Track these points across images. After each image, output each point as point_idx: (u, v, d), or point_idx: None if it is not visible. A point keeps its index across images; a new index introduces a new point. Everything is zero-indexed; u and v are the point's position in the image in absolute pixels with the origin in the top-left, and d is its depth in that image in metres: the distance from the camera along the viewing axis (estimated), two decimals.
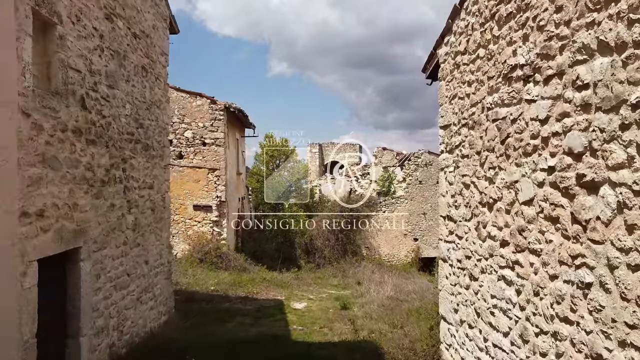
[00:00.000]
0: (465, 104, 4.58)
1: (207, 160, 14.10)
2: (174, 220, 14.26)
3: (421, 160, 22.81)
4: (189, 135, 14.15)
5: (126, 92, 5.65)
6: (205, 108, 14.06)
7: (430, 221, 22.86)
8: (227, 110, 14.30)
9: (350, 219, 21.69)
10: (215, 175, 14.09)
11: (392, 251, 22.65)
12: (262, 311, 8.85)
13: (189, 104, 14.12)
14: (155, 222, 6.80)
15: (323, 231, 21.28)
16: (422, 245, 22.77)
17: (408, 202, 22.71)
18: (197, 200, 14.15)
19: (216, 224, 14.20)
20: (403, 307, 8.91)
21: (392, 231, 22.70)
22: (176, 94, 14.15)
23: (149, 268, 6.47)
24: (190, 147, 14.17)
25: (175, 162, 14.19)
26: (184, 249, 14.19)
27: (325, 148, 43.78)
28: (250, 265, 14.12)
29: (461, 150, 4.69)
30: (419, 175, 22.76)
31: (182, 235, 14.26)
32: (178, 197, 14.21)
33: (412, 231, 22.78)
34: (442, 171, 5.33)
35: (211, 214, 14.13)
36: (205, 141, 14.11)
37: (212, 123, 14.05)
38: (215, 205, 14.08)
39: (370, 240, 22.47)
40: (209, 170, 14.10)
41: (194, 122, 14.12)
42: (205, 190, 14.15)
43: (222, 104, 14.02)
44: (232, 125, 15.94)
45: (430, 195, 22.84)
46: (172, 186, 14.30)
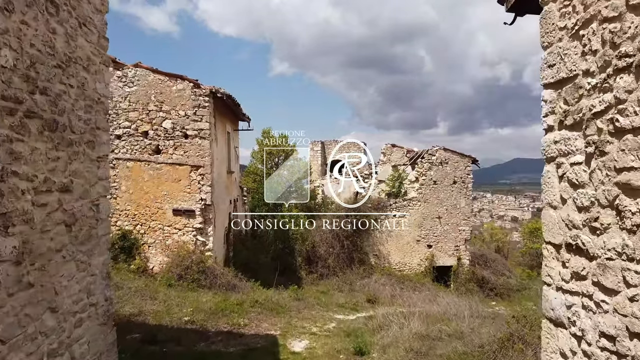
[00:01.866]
0: (623, 32, 2.28)
1: (190, 156, 11.76)
2: (150, 228, 11.94)
3: (436, 158, 20.45)
4: (168, 126, 11.81)
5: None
6: (187, 93, 11.72)
7: (446, 226, 20.50)
8: (214, 97, 11.97)
9: (357, 224, 19.34)
10: (199, 174, 11.74)
11: (404, 259, 20.30)
12: (248, 358, 6.51)
13: (167, 88, 11.78)
14: (78, 244, 4.44)
15: (326, 237, 18.94)
16: (436, 252, 20.43)
17: (421, 204, 20.36)
18: (178, 204, 11.81)
19: (200, 232, 11.85)
20: (439, 351, 6.58)
21: (403, 237, 20.36)
22: (153, 77, 11.82)
23: (62, 317, 4.12)
24: (170, 140, 11.83)
25: (152, 157, 11.86)
26: (162, 262, 11.86)
27: (328, 146, 41.36)
28: (240, 281, 11.77)
29: (611, 122, 2.38)
30: (433, 174, 20.41)
31: (160, 245, 11.92)
32: (155, 199, 11.88)
33: (426, 237, 20.44)
34: (551, 164, 2.99)
35: (194, 220, 11.78)
36: (187, 133, 11.76)
37: (195, 111, 11.71)
38: (198, 209, 11.74)
39: (379, 247, 20.14)
40: (191, 168, 11.76)
41: (173, 110, 11.78)
42: (187, 192, 11.80)
43: (207, 89, 11.68)
44: (221, 116, 13.61)
45: (446, 197, 20.48)
46: (148, 187, 11.98)
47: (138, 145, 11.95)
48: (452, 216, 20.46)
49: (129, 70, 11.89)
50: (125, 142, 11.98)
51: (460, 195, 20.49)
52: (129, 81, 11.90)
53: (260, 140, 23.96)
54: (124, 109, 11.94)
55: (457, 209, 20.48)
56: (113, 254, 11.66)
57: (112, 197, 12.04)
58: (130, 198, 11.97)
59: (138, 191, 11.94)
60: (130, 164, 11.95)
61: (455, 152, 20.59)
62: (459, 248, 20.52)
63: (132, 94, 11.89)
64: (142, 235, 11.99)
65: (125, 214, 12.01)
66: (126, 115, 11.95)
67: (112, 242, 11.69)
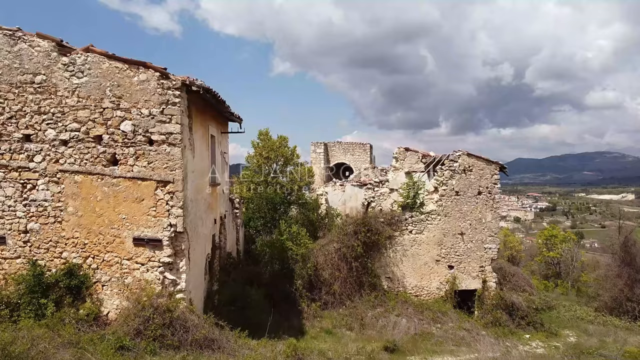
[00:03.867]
0: None
1: (155, 168, 8.96)
2: (105, 262, 9.16)
3: (458, 165, 17.64)
4: (128, 129, 9.01)
5: None
6: (152, 86, 8.91)
7: (470, 243, 17.69)
8: (188, 90, 9.17)
9: (368, 241, 16.55)
10: (167, 192, 8.94)
11: (421, 282, 17.50)
12: None
13: (127, 79, 8.98)
14: None
15: (332, 258, 16.15)
16: (458, 274, 17.62)
17: (441, 218, 17.57)
18: (140, 231, 9.01)
19: (169, 268, 9.06)
20: None
21: (420, 256, 17.55)
22: (108, 65, 9.02)
23: None
24: (130, 147, 9.03)
25: (107, 170, 9.07)
26: (119, 307, 9.08)
27: (331, 148, 38.50)
28: (222, 332, 8.96)
29: None
30: (455, 184, 17.60)
31: (117, 284, 9.13)
32: (110, 224, 9.09)
33: (447, 256, 17.63)
34: None
35: (161, 253, 8.99)
36: (153, 138, 8.96)
37: (162, 109, 8.90)
38: (167, 238, 8.94)
39: (392, 269, 17.34)
40: (157, 184, 8.96)
41: (135, 107, 8.98)
42: (152, 215, 9.01)
43: (177, 80, 8.87)
44: (201, 115, 10.82)
45: (470, 209, 17.67)
46: (102, 208, 9.13)
47: (89, 153, 9.16)
48: (477, 232, 17.65)
49: (78, 55, 9.10)
50: (73, 150, 9.18)
51: (486, 208, 17.69)
52: (77, 70, 9.10)
53: (256, 143, 21.15)
54: (71, 107, 9.15)
55: (483, 224, 17.68)
56: (56, 296, 8.90)
57: (56, 221, 9.26)
58: (79, 222, 9.18)
59: (89, 213, 9.15)
60: (79, 177, 9.16)
61: (480, 158, 17.78)
62: (485, 269, 17.71)
63: (82, 87, 9.10)
64: (95, 271, 9.20)
65: (72, 243, 9.22)
66: (74, 114, 9.16)
67: (55, 279, 8.94)
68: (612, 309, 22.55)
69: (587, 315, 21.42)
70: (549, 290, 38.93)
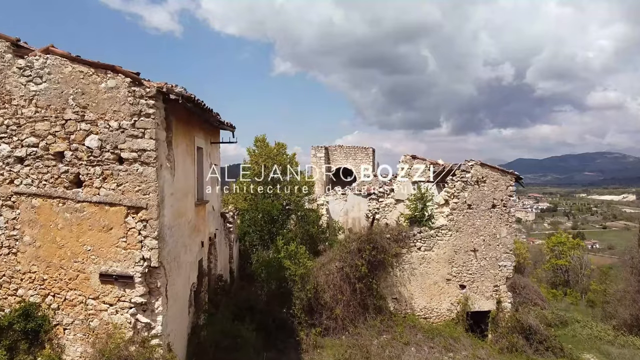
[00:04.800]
0: None
1: (126, 191, 7.56)
2: (67, 301, 7.78)
3: (470, 176, 16.23)
4: (94, 144, 7.62)
5: None
6: (122, 94, 7.51)
7: (483, 260, 16.29)
8: (165, 99, 7.76)
9: (373, 260, 15.16)
10: (139, 220, 7.54)
11: (430, 303, 16.09)
12: None
13: (93, 86, 7.59)
14: None
15: (334, 278, 14.75)
16: (471, 294, 16.21)
17: (452, 234, 16.16)
18: (108, 265, 7.62)
19: (142, 309, 7.66)
20: None
21: (430, 275, 16.14)
22: (71, 69, 7.62)
23: None
24: (96, 166, 7.64)
25: (70, 192, 7.68)
26: (84, 355, 7.69)
27: (332, 152, 37.06)
28: None
29: None
30: (467, 196, 16.19)
31: (82, 328, 7.74)
32: (73, 257, 7.70)
33: (458, 275, 16.23)
34: None
35: (132, 291, 7.59)
36: (123, 155, 7.57)
37: (133, 122, 7.50)
38: (139, 274, 7.54)
39: (399, 289, 15.93)
40: (128, 210, 7.56)
41: (102, 119, 7.59)
42: (122, 247, 7.61)
43: (152, 87, 7.47)
44: (185, 126, 9.43)
45: (483, 224, 16.27)
46: (64, 238, 7.65)
47: (49, 173, 7.78)
48: (491, 248, 16.26)
49: (36, 58, 7.71)
50: (30, 169, 7.80)
51: (500, 222, 16.29)
52: (35, 75, 7.71)
53: (252, 151, 19.73)
54: (28, 118, 7.76)
55: (497, 240, 16.28)
56: (10, 342, 7.51)
57: (10, 252, 7.87)
58: (37, 254, 7.79)
59: (49, 244, 7.76)
60: (37, 201, 7.77)
61: (494, 168, 16.38)
62: (499, 288, 16.32)
63: (41, 95, 7.72)
64: (55, 312, 7.82)
65: (29, 279, 7.83)
66: (32, 126, 7.77)
67: (8, 322, 7.56)
68: (631, 327, 21.17)
69: (605, 335, 20.04)
70: (558, 299, 37.51)
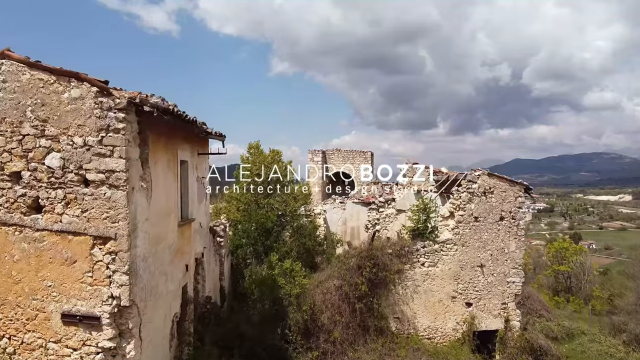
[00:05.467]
0: None
1: (92, 219, 6.52)
2: (25, 345, 6.73)
3: (477, 187, 15.25)
4: (55, 164, 6.57)
5: None
6: (88, 106, 6.48)
7: (491, 277, 15.31)
8: (138, 110, 6.72)
9: (374, 278, 14.17)
10: (107, 252, 6.50)
11: (435, 323, 15.08)
12: None
13: (54, 95, 6.54)
14: None
15: (331, 298, 13.74)
16: (477, 312, 15.22)
17: (458, 248, 15.18)
18: (72, 304, 6.58)
19: (111, 354, 6.61)
20: None
21: (434, 293, 15.15)
22: (28, 75, 6.57)
23: None
24: (58, 189, 6.59)
25: (28, 219, 6.63)
26: None
27: (330, 156, 36.00)
28: None
29: None
30: (473, 208, 15.21)
31: None
32: (32, 294, 6.65)
33: (464, 292, 15.25)
34: None
35: (99, 334, 6.55)
36: (88, 177, 6.53)
37: (100, 138, 6.46)
38: (107, 315, 6.50)
39: (402, 307, 14.93)
40: (94, 241, 6.52)
41: (64, 134, 6.54)
42: (88, 283, 6.57)
43: (122, 98, 6.42)
44: (164, 139, 8.39)
45: (491, 238, 15.29)
46: (21, 271, 6.44)
47: (4, 196, 6.73)
48: (499, 264, 15.28)
49: None
50: None
51: (509, 236, 15.32)
52: None
53: (245, 158, 18.68)
54: None
55: (505, 254, 15.32)
56: None
57: None
58: None
59: (4, 278, 6.71)
60: None
61: (503, 179, 15.41)
62: (507, 306, 15.35)
63: None
64: (11, 357, 6.77)
65: None
66: None
67: None
68: None
69: (616, 351, 19.08)
70: (561, 307, 36.63)
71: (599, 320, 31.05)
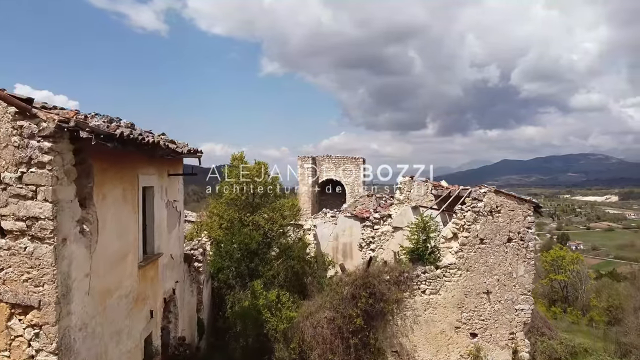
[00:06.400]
0: None
1: (9, 281, 4.95)
2: None
3: (483, 205, 13.87)
4: None
5: None
6: (4, 131, 4.90)
7: (497, 304, 13.92)
8: (74, 137, 5.15)
9: (371, 310, 12.72)
10: (29, 324, 4.94)
11: (437, 356, 13.66)
12: None
13: None
14: None
15: (323, 331, 12.24)
16: (483, 343, 13.82)
17: (462, 274, 13.77)
18: None
19: None
20: None
21: (436, 323, 13.71)
22: None
23: None
24: None
25: None
26: None
27: (320, 162, 34.48)
28: None
29: None
30: (479, 229, 13.83)
31: None
32: None
33: (469, 322, 13.82)
34: None
35: None
36: (4, 226, 4.96)
37: (20, 174, 4.90)
38: None
39: (401, 340, 13.46)
40: (11, 309, 4.95)
41: None
42: None
43: (50, 121, 4.86)
44: (117, 165, 6.81)
45: (497, 261, 13.91)
46: None
47: None
48: (506, 290, 13.91)
49: None
50: None
51: (517, 259, 13.96)
52: None
53: (229, 170, 17.07)
54: None
55: (513, 279, 13.94)
56: None
57: None
58: None
59: None
60: None
61: (510, 196, 14.04)
62: (516, 336, 13.97)
63: None
64: None
65: None
66: None
67: None
68: None
69: None
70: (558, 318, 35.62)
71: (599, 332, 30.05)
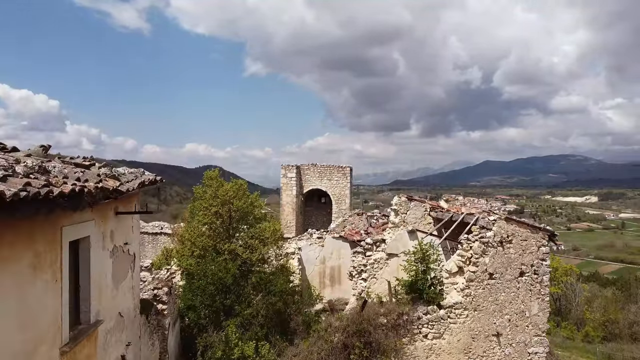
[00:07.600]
0: None
1: None
2: None
3: (493, 235, 12.16)
4: None
5: None
6: None
7: (509, 347, 12.21)
8: None
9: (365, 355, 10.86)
10: None
11: None
12: None
13: None
14: None
15: None
16: None
17: (469, 314, 12.02)
18: None
19: None
20: None
21: None
22: None
23: None
24: None
25: None
26: None
27: (305, 171, 32.54)
28: None
29: None
30: (488, 263, 12.10)
31: None
32: None
33: None
34: None
35: None
36: None
37: None
38: None
39: None
40: None
41: None
42: None
43: None
44: (11, 231, 4.80)
45: (509, 298, 12.21)
46: None
47: None
48: (518, 331, 12.24)
49: None
50: None
51: (530, 296, 12.30)
52: None
53: (201, 191, 15.00)
54: None
55: (526, 319, 12.28)
56: None
57: None
58: None
59: None
60: None
61: (522, 224, 12.37)
62: None
63: None
64: None
65: None
66: None
67: None
68: None
69: None
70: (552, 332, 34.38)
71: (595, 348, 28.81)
